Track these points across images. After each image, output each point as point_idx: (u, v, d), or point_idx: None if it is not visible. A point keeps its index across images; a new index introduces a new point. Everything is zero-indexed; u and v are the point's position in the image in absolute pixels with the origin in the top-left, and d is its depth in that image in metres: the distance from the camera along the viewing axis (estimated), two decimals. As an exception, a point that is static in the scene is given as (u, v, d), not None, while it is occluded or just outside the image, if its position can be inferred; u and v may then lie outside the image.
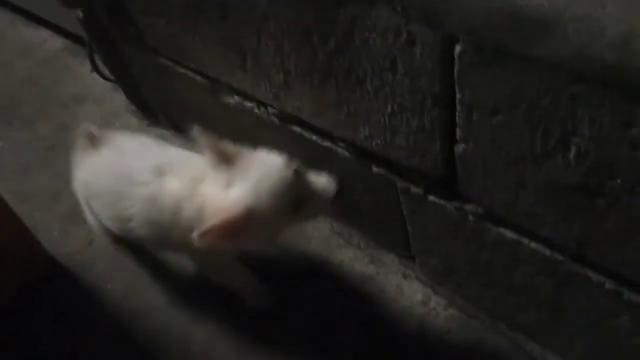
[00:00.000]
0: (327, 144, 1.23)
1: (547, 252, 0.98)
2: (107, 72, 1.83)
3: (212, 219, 1.00)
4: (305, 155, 1.30)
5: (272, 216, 1.04)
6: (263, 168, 1.05)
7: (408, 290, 1.40)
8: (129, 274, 1.58)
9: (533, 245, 0.99)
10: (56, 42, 2.26)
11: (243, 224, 1.01)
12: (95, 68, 1.79)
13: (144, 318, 1.49)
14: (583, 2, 0.65)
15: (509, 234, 1.02)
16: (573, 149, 0.78)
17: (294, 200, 1.06)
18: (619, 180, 0.76)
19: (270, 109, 1.28)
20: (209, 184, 1.07)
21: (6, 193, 1.51)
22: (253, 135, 1.19)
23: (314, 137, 1.24)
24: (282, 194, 1.04)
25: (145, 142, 1.32)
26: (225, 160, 1.06)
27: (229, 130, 1.20)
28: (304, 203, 1.08)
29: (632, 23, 0.61)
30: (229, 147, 1.08)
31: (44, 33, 2.31)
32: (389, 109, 0.99)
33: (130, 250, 1.57)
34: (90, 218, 1.49)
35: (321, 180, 1.11)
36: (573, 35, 0.66)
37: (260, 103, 1.29)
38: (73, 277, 1.61)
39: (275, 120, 1.29)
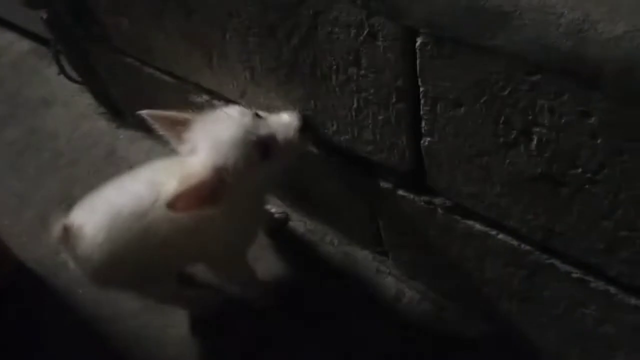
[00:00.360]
0: (295, 141, 1.23)
1: (515, 243, 0.99)
2: (74, 74, 1.80)
3: (181, 185, 0.96)
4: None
5: (243, 167, 1.00)
6: (220, 122, 1.02)
7: (382, 286, 1.40)
8: (101, 278, 1.55)
9: (501, 236, 1.00)
10: (23, 45, 2.22)
11: (216, 184, 0.98)
12: (61, 70, 1.76)
13: (117, 323, 1.48)
14: (539, -10, 0.65)
15: (477, 226, 1.02)
16: (535, 139, 0.78)
17: (260, 145, 1.02)
18: (580, 169, 0.77)
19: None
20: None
21: (-28, 199, 1.49)
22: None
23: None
24: (246, 142, 1.00)
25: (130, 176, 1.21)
26: (180, 128, 1.04)
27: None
28: (272, 146, 1.04)
29: (586, 10, 0.62)
30: (178, 114, 1.05)
31: (10, 36, 2.27)
32: (355, 104, 0.99)
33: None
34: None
35: (283, 118, 1.07)
36: (529, 25, 0.66)
37: (228, 101, 1.29)
38: (43, 283, 1.58)
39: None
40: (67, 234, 1.09)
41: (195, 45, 1.20)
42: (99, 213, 1.12)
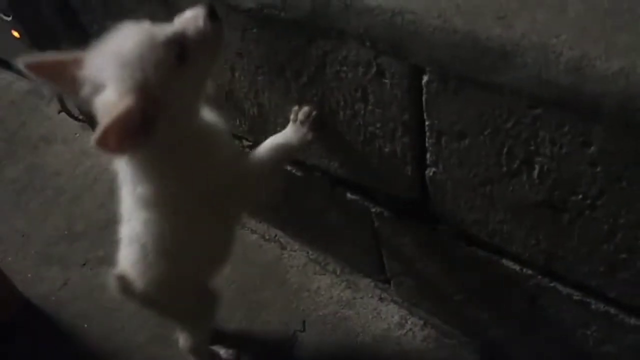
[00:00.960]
0: (300, 173, 1.27)
1: (517, 267, 1.03)
2: (76, 112, 1.84)
3: (102, 122, 0.80)
4: (279, 186, 1.34)
5: (163, 77, 0.86)
6: (116, 40, 0.87)
7: (385, 313, 1.44)
8: (106, 313, 1.57)
9: (504, 261, 1.04)
10: (22, 84, 2.26)
11: (143, 107, 0.83)
12: (64, 108, 1.80)
13: (124, 357, 1.49)
14: (538, 31, 0.71)
15: (480, 252, 1.06)
16: (537, 168, 0.83)
17: (171, 45, 0.88)
18: (581, 196, 0.81)
19: (244, 142, 1.32)
20: None
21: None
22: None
23: (289, 167, 1.28)
24: (154, 46, 0.86)
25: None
26: (71, 71, 0.87)
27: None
28: (186, 45, 0.89)
29: (584, 49, 0.67)
30: (64, 55, 0.89)
31: (9, 76, 2.31)
32: (362, 137, 1.03)
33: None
34: None
35: (186, 13, 0.92)
36: (531, 63, 0.71)
37: (234, 136, 1.33)
38: (49, 319, 1.60)
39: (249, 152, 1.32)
40: (123, 283, 1.09)
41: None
42: (130, 250, 1.12)
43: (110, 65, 0.85)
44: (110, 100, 0.84)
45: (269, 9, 0.92)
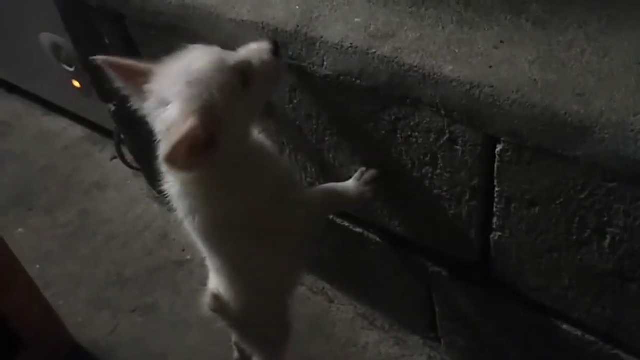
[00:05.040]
0: (358, 229, 1.30)
1: (579, 333, 1.04)
2: (131, 160, 1.90)
3: (170, 141, 0.82)
4: (334, 242, 1.37)
5: (228, 99, 0.89)
6: (187, 59, 0.91)
7: (434, 372, 1.44)
8: (153, 359, 1.59)
9: (565, 327, 1.05)
10: (76, 130, 2.34)
11: (209, 126, 0.85)
12: (121, 157, 1.87)
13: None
14: (616, 109, 0.74)
15: (541, 317, 1.07)
16: (608, 238, 0.85)
17: (238, 70, 0.92)
18: (652, 267, 0.83)
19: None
20: None
21: (28, 279, 1.54)
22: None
23: (346, 223, 1.31)
24: (224, 69, 0.90)
25: None
26: (140, 79, 0.91)
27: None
28: (250, 72, 0.93)
29: (664, 130, 0.70)
30: (138, 64, 0.93)
31: (63, 122, 2.39)
32: (427, 199, 1.06)
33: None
34: None
35: (252, 46, 0.97)
36: (609, 139, 0.74)
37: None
38: (99, 364, 1.62)
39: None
40: (218, 302, 1.10)
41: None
42: (218, 280, 1.16)
43: (179, 82, 0.88)
44: (175, 117, 0.86)
45: (346, 76, 0.97)
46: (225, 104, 0.88)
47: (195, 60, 0.90)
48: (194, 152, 0.83)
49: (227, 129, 0.90)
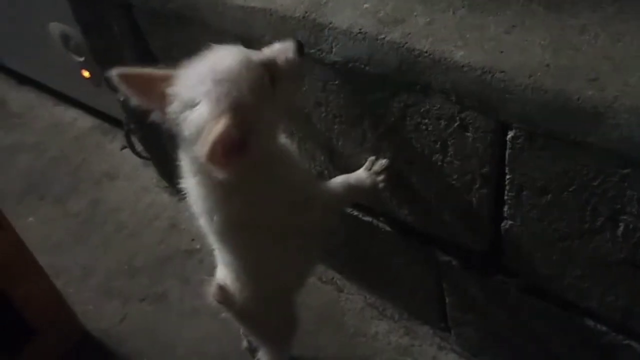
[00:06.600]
0: (368, 218, 1.29)
1: (592, 323, 1.02)
2: (142, 150, 1.90)
3: (206, 140, 0.80)
4: (343, 231, 1.36)
5: (258, 99, 0.88)
6: (212, 60, 0.90)
7: (444, 362, 1.43)
8: (162, 348, 1.59)
9: (577, 317, 1.04)
10: (86, 121, 2.35)
11: (241, 124, 0.84)
12: (131, 147, 1.87)
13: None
14: (631, 94, 0.72)
15: (553, 307, 1.06)
16: (621, 226, 0.84)
17: (265, 71, 0.91)
18: (666, 255, 0.82)
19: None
20: None
21: (38, 268, 1.55)
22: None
23: (355, 212, 1.30)
24: (252, 67, 0.89)
25: None
26: (161, 86, 0.89)
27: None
28: (276, 71, 0.92)
29: (681, 115, 0.68)
30: (156, 71, 0.91)
31: (74, 112, 2.40)
32: (436, 187, 1.05)
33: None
34: None
35: (276, 45, 0.96)
36: (623, 124, 0.73)
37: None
38: (107, 353, 1.62)
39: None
40: (223, 292, 1.09)
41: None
42: (226, 271, 1.16)
43: (206, 82, 0.86)
44: (206, 116, 0.84)
45: (355, 63, 0.96)
46: (255, 102, 0.87)
47: (221, 59, 0.89)
48: (229, 151, 0.82)
49: (257, 129, 0.89)
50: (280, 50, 0.95)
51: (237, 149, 0.84)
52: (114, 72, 0.89)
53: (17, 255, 1.45)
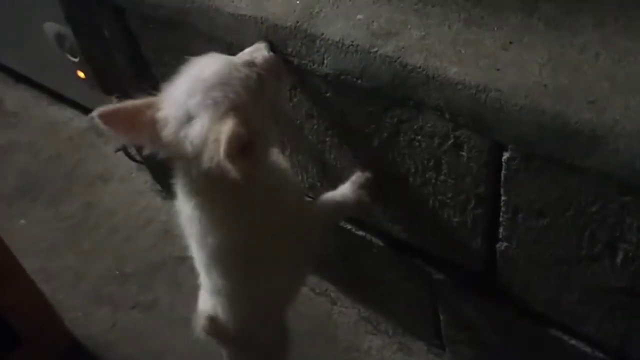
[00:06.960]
0: (361, 233, 1.26)
1: (589, 349, 0.99)
2: (135, 153, 1.87)
3: (219, 140, 0.78)
4: (337, 245, 1.33)
5: (252, 98, 0.86)
6: (194, 75, 0.87)
7: (437, 379, 1.40)
8: (152, 356, 1.56)
9: (574, 342, 1.00)
10: (81, 121, 2.30)
11: (245, 126, 0.80)
12: (124, 149, 1.83)
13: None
14: (632, 117, 0.69)
15: (549, 330, 1.02)
16: (620, 255, 0.80)
17: (250, 72, 0.89)
18: (666, 285, 0.78)
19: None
20: None
21: (29, 272, 1.51)
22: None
23: (349, 226, 1.27)
24: (239, 68, 0.88)
25: None
26: (148, 115, 0.86)
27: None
28: (259, 72, 0.91)
29: (684, 142, 0.65)
30: (142, 101, 0.88)
31: (69, 112, 2.36)
32: (430, 205, 1.02)
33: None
34: None
35: (248, 49, 0.97)
36: (623, 149, 0.69)
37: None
38: (95, 360, 1.60)
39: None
40: (214, 323, 1.08)
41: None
42: (216, 300, 1.11)
43: (198, 92, 0.84)
44: (208, 124, 0.81)
45: (346, 75, 0.92)
46: (251, 100, 0.86)
47: (204, 67, 0.87)
48: (243, 149, 0.79)
49: (257, 129, 0.85)
50: (254, 51, 0.96)
51: (246, 148, 0.80)
52: (96, 114, 0.86)
53: (2, 260, 1.42)
